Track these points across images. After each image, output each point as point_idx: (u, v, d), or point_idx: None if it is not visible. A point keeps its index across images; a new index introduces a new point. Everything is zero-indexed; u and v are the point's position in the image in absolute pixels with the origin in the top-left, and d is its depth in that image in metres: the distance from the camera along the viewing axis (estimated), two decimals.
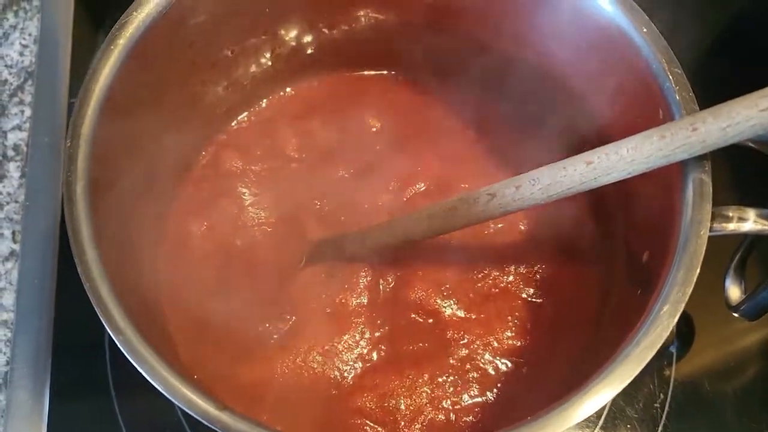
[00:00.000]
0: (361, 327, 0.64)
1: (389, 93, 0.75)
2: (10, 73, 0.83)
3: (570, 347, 0.62)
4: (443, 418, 0.61)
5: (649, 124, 0.49)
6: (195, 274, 0.65)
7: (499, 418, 0.60)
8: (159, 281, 0.63)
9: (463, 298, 0.65)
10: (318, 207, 0.69)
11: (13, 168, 0.78)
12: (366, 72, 0.76)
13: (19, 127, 0.80)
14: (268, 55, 0.70)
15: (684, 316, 0.47)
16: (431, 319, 0.64)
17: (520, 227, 0.68)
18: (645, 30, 0.55)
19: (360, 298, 0.65)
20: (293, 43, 0.71)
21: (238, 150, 0.72)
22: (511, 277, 0.66)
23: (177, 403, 0.45)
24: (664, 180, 0.52)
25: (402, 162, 0.70)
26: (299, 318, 0.64)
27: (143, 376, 0.46)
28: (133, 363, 0.46)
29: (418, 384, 0.61)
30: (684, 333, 0.70)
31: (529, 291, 0.65)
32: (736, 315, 0.60)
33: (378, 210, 0.68)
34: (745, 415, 0.67)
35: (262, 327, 0.63)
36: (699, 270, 0.47)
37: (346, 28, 0.71)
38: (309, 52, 0.72)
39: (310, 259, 0.67)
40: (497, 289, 0.65)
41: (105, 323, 0.47)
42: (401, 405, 0.61)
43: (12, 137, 0.79)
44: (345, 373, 0.62)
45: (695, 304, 0.47)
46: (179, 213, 0.68)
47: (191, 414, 0.45)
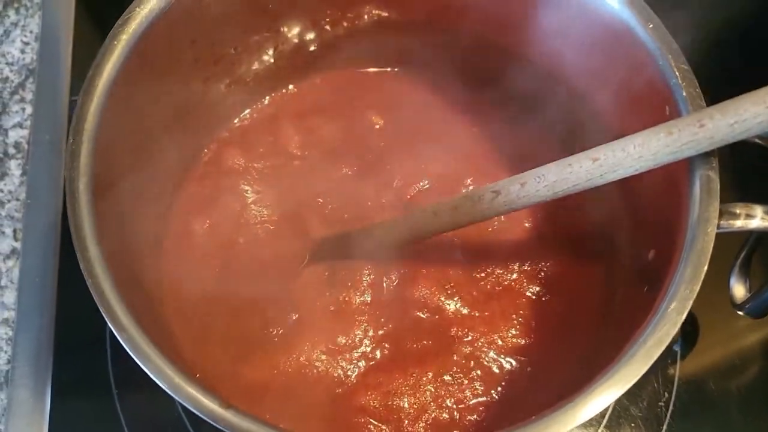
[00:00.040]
0: (365, 325, 0.63)
1: (392, 90, 0.75)
2: (11, 71, 0.83)
3: (575, 345, 0.62)
4: (447, 416, 0.60)
5: (656, 120, 0.49)
6: (197, 271, 0.65)
7: (504, 417, 0.60)
8: (161, 279, 0.63)
9: (467, 295, 0.65)
10: (321, 205, 0.68)
11: (14, 166, 0.78)
12: (369, 69, 0.76)
13: (20, 125, 0.80)
14: (270, 53, 0.70)
15: (688, 314, 0.46)
16: (435, 317, 0.64)
17: (524, 224, 0.68)
18: (651, 26, 0.54)
19: (363, 296, 0.64)
20: (296, 41, 0.71)
21: (240, 147, 0.71)
22: (516, 275, 0.66)
23: (181, 402, 0.45)
24: (670, 177, 0.52)
25: (405, 159, 0.70)
26: (302, 316, 0.63)
27: (145, 374, 0.46)
28: (137, 361, 0.46)
29: (422, 382, 0.61)
30: (688, 332, 0.69)
31: (534, 289, 0.65)
32: (740, 313, 0.60)
33: (381, 208, 0.68)
34: (750, 414, 0.66)
35: (264, 325, 0.63)
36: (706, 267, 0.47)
37: (348, 25, 0.71)
38: (312, 49, 0.72)
39: (313, 257, 0.66)
40: (501, 287, 0.65)
41: (108, 320, 0.47)
42: (405, 403, 0.60)
43: (13, 135, 0.79)
44: (348, 372, 0.62)
45: (700, 302, 0.47)
46: (181, 210, 0.68)
47: (195, 412, 0.44)
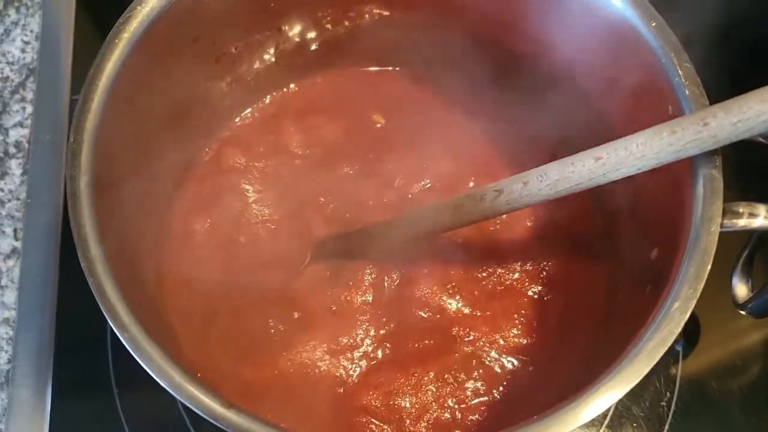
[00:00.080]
0: (366, 325, 0.63)
1: (394, 89, 0.74)
2: (11, 70, 0.82)
3: (577, 345, 0.62)
4: (449, 416, 0.60)
5: (659, 119, 0.49)
6: (198, 271, 0.65)
7: (505, 416, 0.60)
8: (162, 278, 0.63)
9: (469, 295, 0.64)
10: (322, 204, 0.68)
11: (15, 165, 0.77)
12: (370, 68, 0.75)
13: (21, 124, 0.80)
14: (272, 51, 0.70)
15: (690, 314, 0.46)
16: (437, 317, 0.63)
17: (526, 224, 0.67)
18: (654, 24, 0.54)
19: (365, 295, 0.64)
20: (297, 39, 0.71)
21: (241, 146, 0.71)
22: (517, 274, 0.65)
23: (183, 401, 0.45)
24: (673, 176, 0.52)
25: (407, 159, 0.70)
26: (303, 316, 0.63)
27: (145, 373, 0.46)
28: (138, 360, 0.46)
29: (423, 382, 0.61)
30: (690, 331, 0.69)
31: (536, 288, 0.65)
32: (743, 313, 0.60)
33: (383, 207, 0.68)
34: (752, 414, 0.66)
35: (266, 325, 0.63)
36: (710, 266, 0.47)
37: (350, 24, 0.71)
38: (313, 48, 0.72)
39: (314, 257, 0.66)
40: (503, 287, 0.65)
41: (109, 319, 0.47)
42: (407, 403, 0.60)
43: (14, 134, 0.79)
44: (350, 371, 0.61)
45: (702, 302, 0.47)
46: (182, 209, 0.68)
47: (197, 412, 0.44)
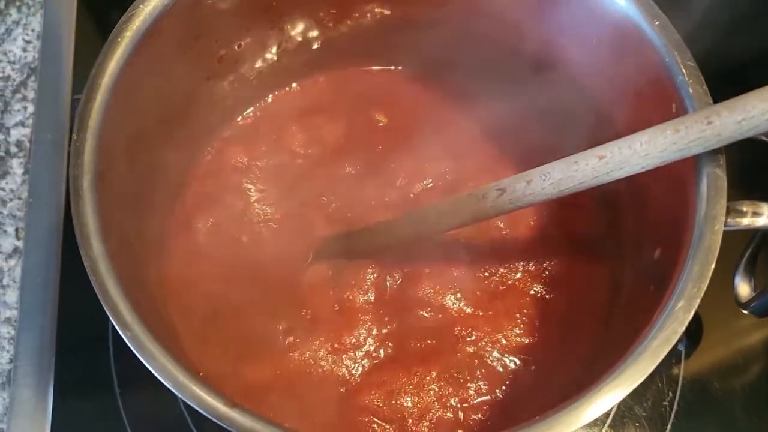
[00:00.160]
0: (369, 324, 0.63)
1: (396, 88, 0.74)
2: (13, 69, 0.82)
3: (580, 345, 0.61)
4: (451, 415, 0.60)
5: (662, 118, 0.48)
6: (200, 270, 0.65)
7: (508, 416, 0.60)
8: (164, 277, 0.63)
9: (471, 295, 0.64)
10: (324, 203, 0.68)
11: (16, 164, 0.77)
12: (373, 67, 0.75)
13: (22, 124, 0.80)
14: (274, 50, 0.70)
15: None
16: (439, 316, 0.63)
17: (529, 223, 0.67)
18: (657, 23, 0.54)
19: (367, 295, 0.64)
20: (299, 38, 0.70)
21: (243, 146, 0.71)
22: (520, 274, 0.65)
23: (186, 401, 0.44)
24: (677, 174, 0.52)
25: (409, 158, 0.70)
26: (305, 315, 0.63)
27: (147, 372, 0.45)
28: (141, 359, 0.46)
29: (425, 381, 0.61)
30: (693, 331, 0.69)
31: (538, 288, 0.65)
32: (745, 312, 0.60)
33: (385, 206, 0.68)
34: (755, 413, 0.66)
35: (268, 324, 0.63)
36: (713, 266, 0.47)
37: (352, 23, 0.71)
38: (315, 47, 0.72)
39: (316, 256, 0.66)
40: (505, 286, 0.65)
41: (112, 319, 0.47)
42: (409, 402, 0.60)
43: (15, 133, 0.79)
44: (352, 371, 0.61)
45: (704, 301, 0.47)
46: (185, 208, 0.68)
47: (200, 411, 0.44)
